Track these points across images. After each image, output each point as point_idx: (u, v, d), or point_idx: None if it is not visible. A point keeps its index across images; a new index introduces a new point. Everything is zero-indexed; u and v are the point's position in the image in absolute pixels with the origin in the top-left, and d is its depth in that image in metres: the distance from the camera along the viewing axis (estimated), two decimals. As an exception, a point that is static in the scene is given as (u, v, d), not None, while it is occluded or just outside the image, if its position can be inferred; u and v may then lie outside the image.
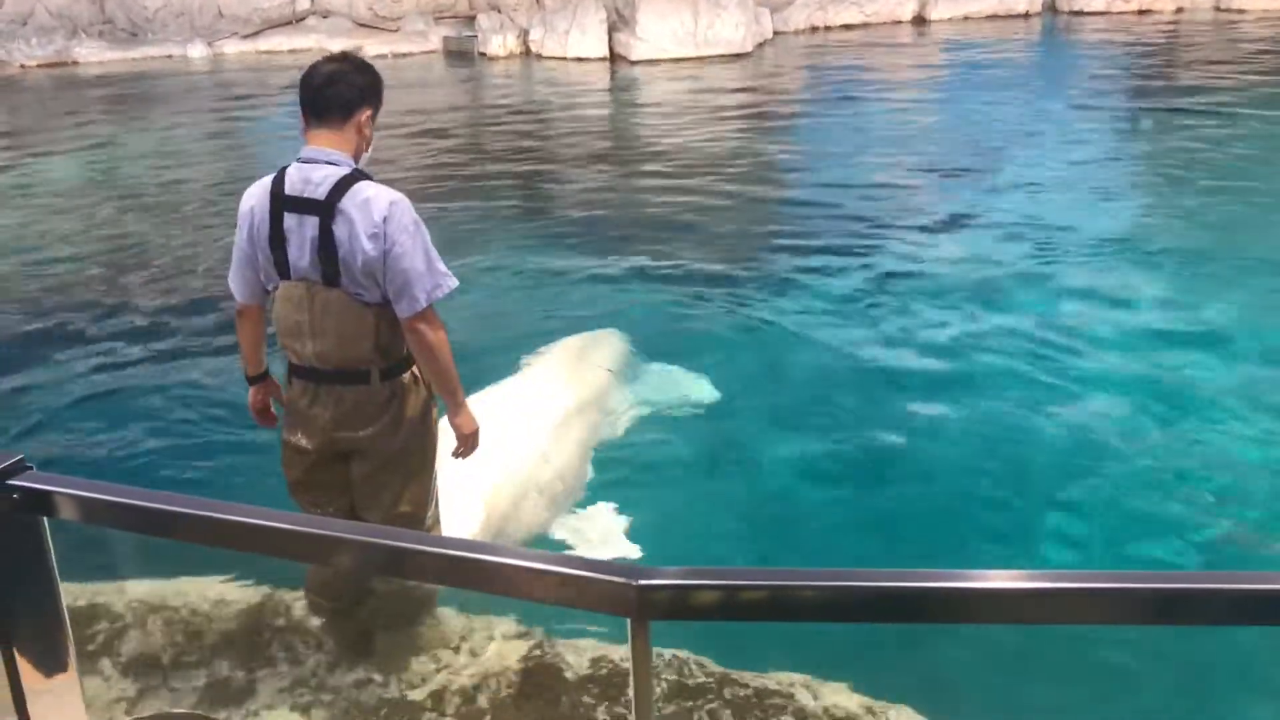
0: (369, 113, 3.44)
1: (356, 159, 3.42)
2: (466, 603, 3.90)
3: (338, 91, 3.38)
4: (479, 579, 1.31)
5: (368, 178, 3.38)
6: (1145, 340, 6.92)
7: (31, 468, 1.42)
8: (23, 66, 22.25)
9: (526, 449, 4.97)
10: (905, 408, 6.17)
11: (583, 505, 4.98)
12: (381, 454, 3.53)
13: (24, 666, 1.46)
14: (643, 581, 1.26)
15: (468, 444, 3.76)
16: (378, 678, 3.61)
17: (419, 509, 3.70)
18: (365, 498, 3.63)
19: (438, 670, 3.63)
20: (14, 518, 1.39)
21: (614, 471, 5.37)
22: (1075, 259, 8.50)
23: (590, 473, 5.28)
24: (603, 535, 4.75)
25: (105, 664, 3.66)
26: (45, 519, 1.37)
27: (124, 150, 14.54)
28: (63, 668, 1.54)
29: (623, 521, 4.84)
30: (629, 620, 1.30)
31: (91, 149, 14.56)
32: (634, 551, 4.64)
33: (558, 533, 4.76)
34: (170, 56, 23.19)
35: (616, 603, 1.27)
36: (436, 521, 3.83)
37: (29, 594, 1.41)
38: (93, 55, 22.93)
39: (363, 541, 1.30)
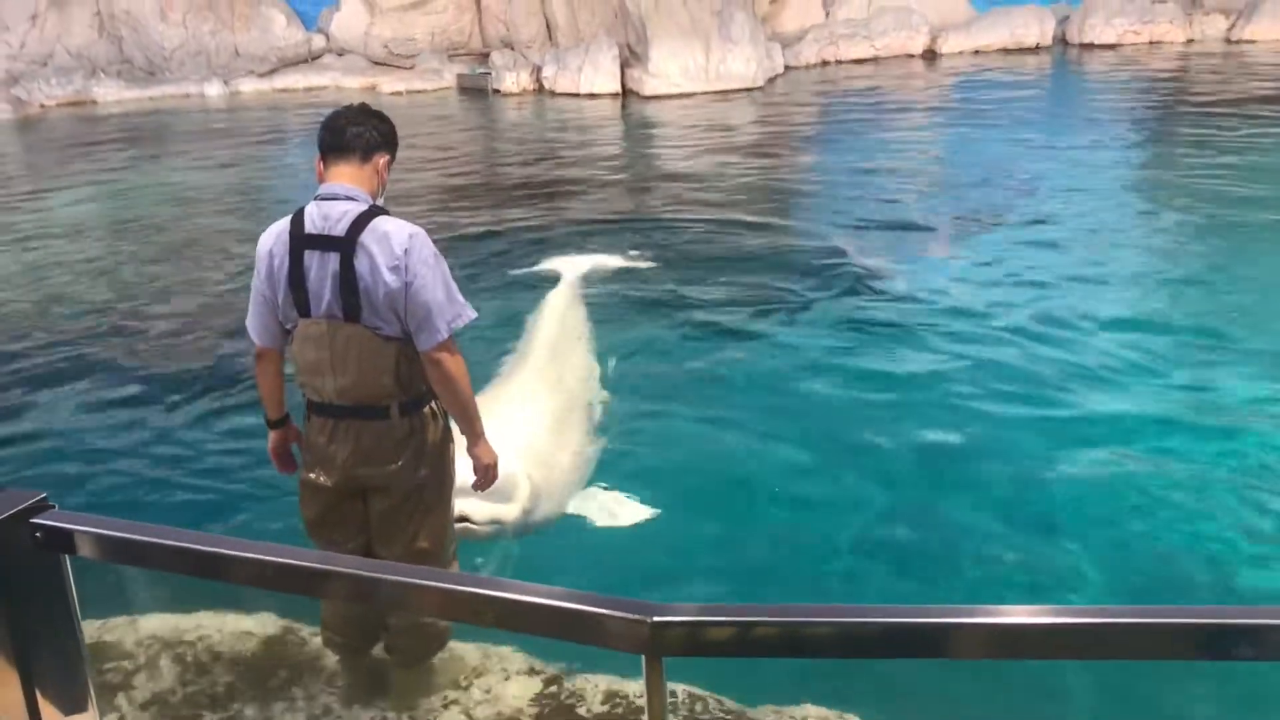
0: (387, 158, 3.51)
1: (373, 199, 3.45)
2: (481, 637, 3.88)
3: (360, 133, 3.45)
4: (492, 616, 1.29)
5: (385, 212, 3.41)
6: (1162, 375, 6.86)
7: (54, 506, 1.41)
8: (43, 106, 22.53)
9: (548, 436, 5.42)
10: (916, 442, 6.13)
11: (590, 486, 5.38)
12: (400, 489, 3.53)
13: (44, 705, 1.45)
14: (657, 618, 1.25)
15: (486, 475, 3.76)
16: (391, 716, 3.58)
17: (436, 544, 3.68)
18: (383, 534, 3.62)
19: (446, 707, 3.61)
20: (36, 556, 1.39)
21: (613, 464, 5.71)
22: (1090, 293, 8.45)
23: (594, 458, 5.67)
24: (616, 509, 5.22)
25: (122, 701, 3.65)
26: (67, 557, 1.37)
27: (142, 188, 14.67)
28: (82, 707, 1.54)
29: (629, 499, 5.28)
30: (644, 657, 1.29)
31: (109, 187, 14.71)
32: (647, 512, 5.17)
33: (575, 508, 5.18)
34: (187, 95, 23.45)
35: (630, 640, 1.26)
36: (454, 557, 3.81)
37: (50, 632, 1.40)
38: (111, 94, 23.21)
39: (377, 578, 1.29)
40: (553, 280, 8.41)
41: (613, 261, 9.39)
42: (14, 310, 9.44)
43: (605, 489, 5.36)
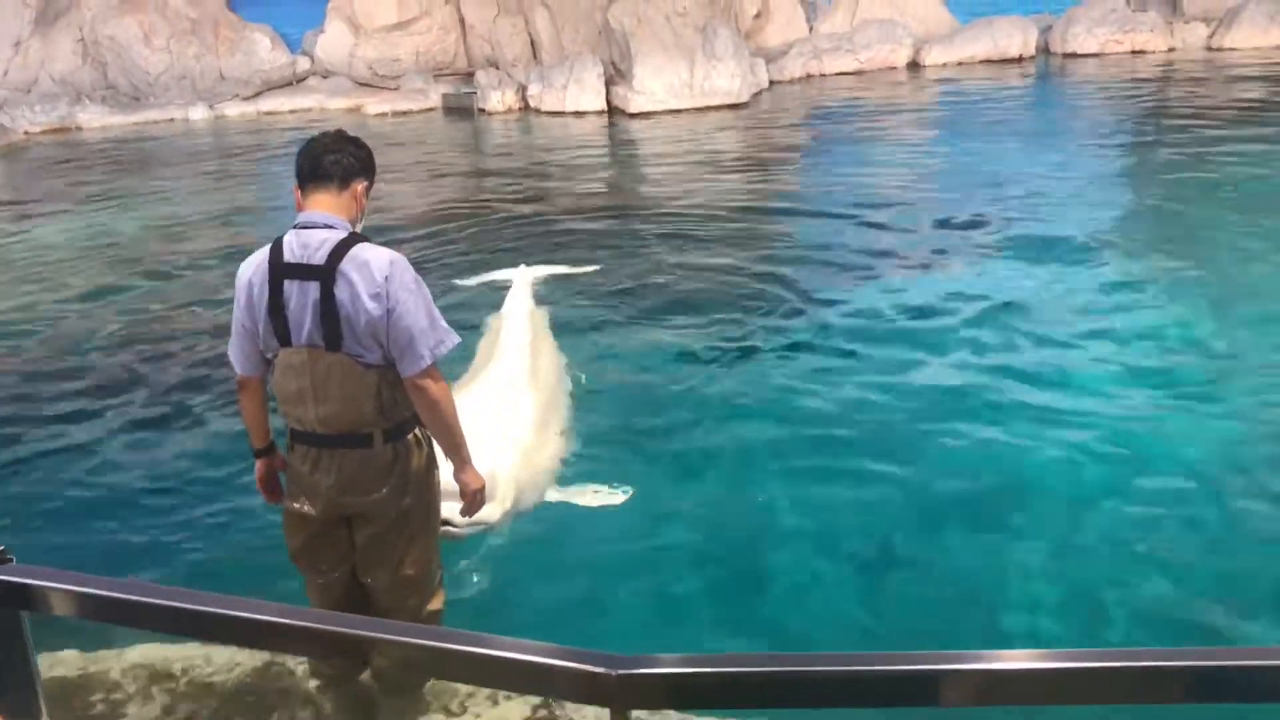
0: (365, 184, 3.51)
1: (352, 225, 3.44)
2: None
3: (337, 159, 3.44)
4: (454, 670, 1.27)
5: (365, 239, 3.39)
6: (1145, 387, 6.84)
7: (12, 559, 1.37)
8: (26, 133, 22.45)
9: (526, 432, 5.76)
10: (912, 457, 6.14)
11: (564, 482, 5.70)
12: (386, 517, 3.51)
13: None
14: (622, 671, 1.22)
15: (473, 500, 3.74)
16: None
17: (422, 570, 3.66)
18: (369, 562, 3.60)
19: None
20: (-8, 612, 1.32)
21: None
22: (1078, 303, 8.42)
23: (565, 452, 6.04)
24: (591, 495, 5.56)
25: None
26: (25, 614, 1.33)
27: (126, 214, 14.61)
28: (41, 760, 1.50)
29: (601, 486, 5.63)
30: (609, 711, 1.26)
31: (92, 214, 14.63)
32: (621, 495, 5.56)
33: (552, 497, 5.52)
34: (172, 120, 23.40)
35: (595, 693, 1.23)
36: (440, 585, 3.79)
37: (7, 687, 1.36)
38: (95, 120, 23.15)
39: (334, 632, 1.26)
40: (504, 286, 8.74)
41: (560, 270, 9.85)
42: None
43: (577, 481, 5.73)
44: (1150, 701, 1.27)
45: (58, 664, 3.96)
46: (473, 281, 9.61)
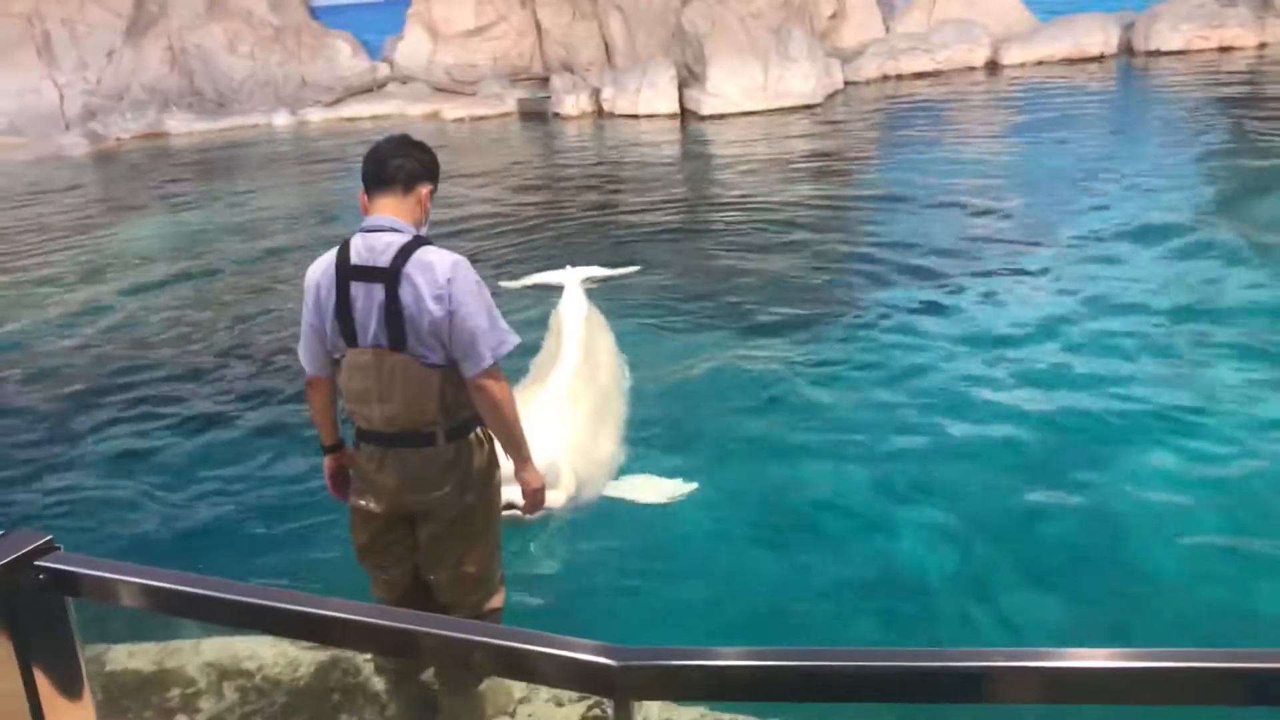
0: (430, 188, 3.56)
1: (416, 229, 3.50)
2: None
3: (402, 164, 3.50)
4: (459, 659, 1.29)
5: (428, 242, 3.45)
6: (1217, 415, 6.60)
7: (59, 548, 1.45)
8: (118, 139, 23.20)
9: (586, 428, 6.00)
10: (970, 471, 6.05)
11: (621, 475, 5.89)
12: (448, 515, 3.56)
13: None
14: (625, 662, 1.24)
15: (534, 499, 3.79)
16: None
17: (484, 568, 3.71)
18: (431, 559, 3.65)
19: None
20: (40, 597, 1.42)
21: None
22: (1160, 319, 8.04)
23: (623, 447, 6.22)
24: (656, 487, 5.70)
25: (180, 726, 3.73)
26: (70, 599, 1.40)
27: (207, 216, 15.01)
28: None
29: (665, 479, 5.75)
30: (612, 701, 1.28)
31: (180, 217, 15.06)
32: (686, 488, 5.69)
33: (615, 491, 5.69)
34: (256, 125, 23.97)
35: (597, 683, 1.26)
36: (502, 582, 3.83)
37: (54, 670, 1.43)
38: (182, 126, 23.83)
39: (343, 619, 1.30)
40: (555, 287, 9.05)
41: (604, 271, 10.02)
42: (86, 344, 9.70)
43: (641, 474, 5.87)
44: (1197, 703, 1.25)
45: (136, 655, 4.10)
46: (519, 284, 9.76)
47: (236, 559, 5.56)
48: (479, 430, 3.61)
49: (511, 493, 3.88)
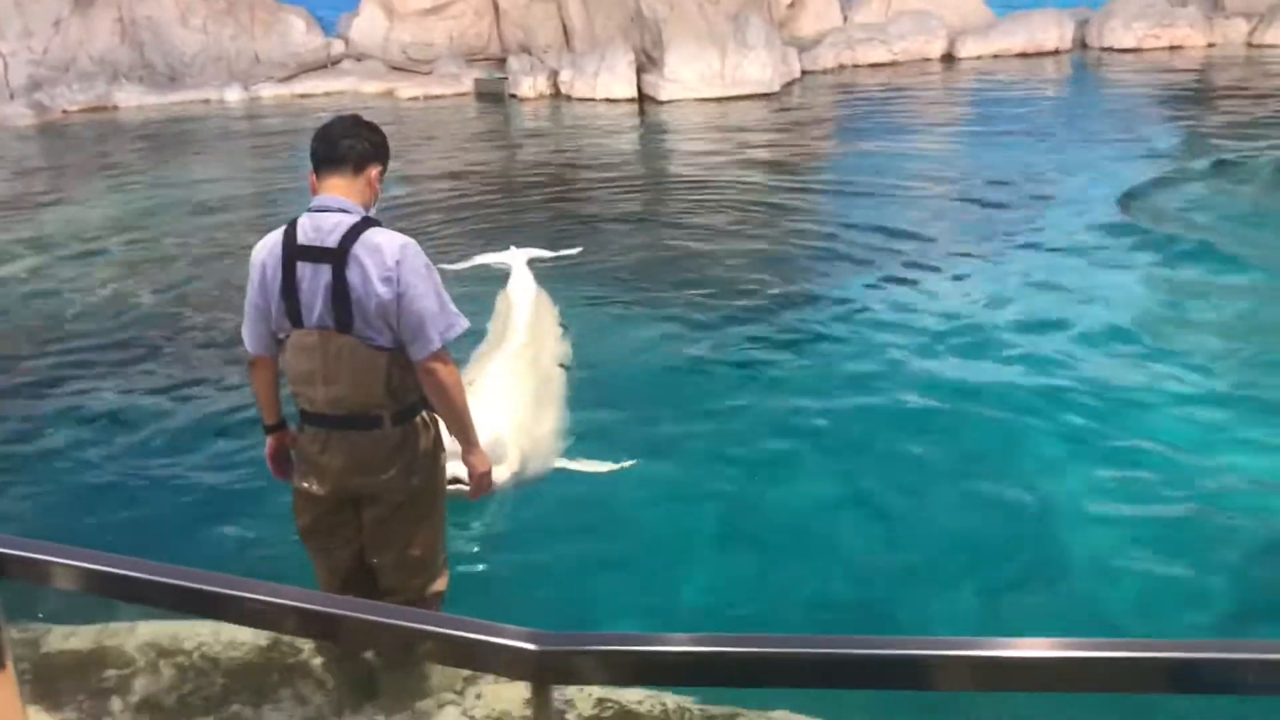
0: (380, 169, 3.55)
1: (365, 210, 3.49)
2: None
3: (353, 145, 3.49)
4: (376, 643, 1.31)
5: (377, 224, 3.44)
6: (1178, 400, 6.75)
7: None
8: (65, 112, 22.70)
9: (531, 407, 6.16)
10: (921, 458, 6.15)
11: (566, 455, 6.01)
12: (394, 498, 3.57)
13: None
14: (545, 647, 1.26)
15: (481, 482, 3.80)
16: (381, 719, 3.61)
17: (429, 551, 3.72)
18: (376, 542, 3.66)
19: (441, 707, 3.63)
20: (-37, 579, 1.38)
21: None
22: (1107, 308, 8.27)
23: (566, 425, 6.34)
24: (594, 466, 5.82)
25: (115, 704, 3.70)
26: (-3, 581, 1.38)
27: (155, 192, 14.76)
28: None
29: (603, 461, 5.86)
30: (530, 685, 1.30)
31: (128, 193, 14.80)
32: (627, 463, 5.86)
33: (559, 465, 5.86)
34: (208, 100, 23.58)
35: (517, 667, 1.27)
36: (445, 565, 3.84)
37: None
38: (132, 100, 23.36)
39: (266, 602, 1.30)
40: (501, 270, 9.01)
41: (547, 253, 9.93)
42: (22, 320, 9.52)
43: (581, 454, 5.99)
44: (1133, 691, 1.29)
45: (74, 637, 4.06)
46: (464, 265, 9.64)
47: (178, 541, 5.51)
48: (425, 413, 3.61)
49: (456, 468, 3.89)
